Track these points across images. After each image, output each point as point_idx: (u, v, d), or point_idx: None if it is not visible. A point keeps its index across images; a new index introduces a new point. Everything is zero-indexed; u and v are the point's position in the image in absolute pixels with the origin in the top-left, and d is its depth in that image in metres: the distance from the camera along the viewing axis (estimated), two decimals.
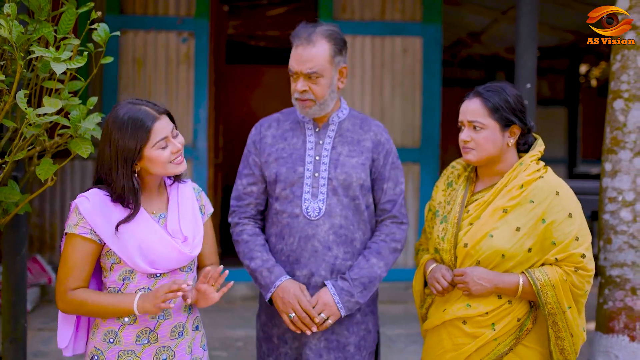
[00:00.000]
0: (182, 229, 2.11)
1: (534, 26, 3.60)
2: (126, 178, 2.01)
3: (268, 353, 2.52)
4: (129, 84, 5.63)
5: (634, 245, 2.97)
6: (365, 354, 2.49)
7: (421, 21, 5.87)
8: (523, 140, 2.34)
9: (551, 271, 2.19)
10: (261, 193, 2.52)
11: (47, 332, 4.71)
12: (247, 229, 2.51)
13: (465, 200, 2.36)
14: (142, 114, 2.01)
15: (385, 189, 2.49)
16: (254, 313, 5.38)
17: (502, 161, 2.31)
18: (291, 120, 2.54)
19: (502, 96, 2.27)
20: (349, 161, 2.44)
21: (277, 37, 9.73)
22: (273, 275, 2.41)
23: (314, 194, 2.42)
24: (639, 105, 2.96)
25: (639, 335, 2.97)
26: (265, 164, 2.48)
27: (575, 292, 2.21)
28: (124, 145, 1.99)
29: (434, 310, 2.40)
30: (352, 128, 2.51)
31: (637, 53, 2.94)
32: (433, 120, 5.88)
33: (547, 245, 2.21)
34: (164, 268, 2.07)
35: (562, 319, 2.20)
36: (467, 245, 2.25)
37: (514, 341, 2.24)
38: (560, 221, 2.20)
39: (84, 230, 2.00)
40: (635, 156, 2.97)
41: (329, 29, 2.41)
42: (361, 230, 2.46)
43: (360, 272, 2.40)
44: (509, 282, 2.20)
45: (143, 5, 5.70)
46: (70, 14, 2.43)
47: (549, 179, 2.27)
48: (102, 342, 2.06)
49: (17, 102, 2.15)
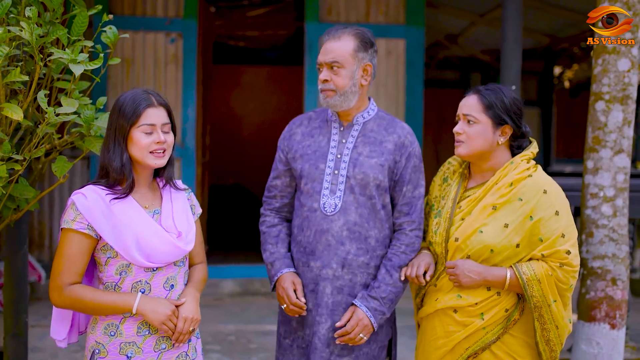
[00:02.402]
0: (176, 225, 2.18)
1: (519, 30, 3.74)
2: (119, 154, 2.09)
3: (285, 335, 2.63)
4: (117, 84, 5.67)
5: (614, 239, 3.15)
6: (375, 347, 2.56)
7: (404, 24, 6.04)
8: (517, 144, 2.45)
9: (537, 266, 2.28)
10: (285, 187, 2.65)
11: (40, 328, 4.75)
12: (267, 220, 2.66)
13: (458, 196, 2.48)
14: (140, 98, 2.13)
15: (404, 192, 2.55)
16: (242, 308, 5.55)
17: (492, 159, 2.42)
18: (321, 119, 2.65)
19: (498, 96, 2.39)
20: (368, 161, 2.51)
21: (256, 38, 9.80)
22: (273, 270, 2.58)
23: (332, 190, 2.51)
24: (619, 107, 3.14)
25: (619, 323, 3.15)
26: (293, 160, 2.60)
27: (561, 287, 2.30)
28: (119, 123, 2.10)
29: (428, 299, 2.52)
30: (377, 129, 2.58)
31: (617, 57, 3.12)
32: (416, 120, 6.04)
33: (534, 241, 2.30)
34: (159, 262, 2.11)
35: (547, 312, 2.30)
36: (458, 239, 2.38)
37: (501, 330, 2.36)
38: (547, 218, 2.29)
39: (81, 225, 2.04)
40: (616, 154, 3.15)
41: (358, 29, 2.54)
42: (377, 228, 2.52)
43: (387, 289, 2.48)
44: (497, 276, 2.31)
45: (132, 6, 5.75)
46: (83, 16, 2.52)
47: (538, 177, 2.36)
48: (103, 336, 2.09)
49: (39, 101, 2.24)
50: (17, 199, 2.57)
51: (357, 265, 2.50)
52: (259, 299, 5.89)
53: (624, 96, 3.13)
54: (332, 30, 2.52)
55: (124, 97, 2.15)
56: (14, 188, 2.48)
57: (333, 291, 2.49)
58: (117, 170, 2.10)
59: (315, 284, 2.51)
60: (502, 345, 2.36)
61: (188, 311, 2.14)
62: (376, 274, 2.52)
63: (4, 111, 2.19)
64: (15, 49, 2.29)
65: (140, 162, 2.14)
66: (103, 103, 2.56)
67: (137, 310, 2.06)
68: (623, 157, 3.15)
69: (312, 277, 2.52)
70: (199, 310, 2.19)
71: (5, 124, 2.37)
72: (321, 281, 2.50)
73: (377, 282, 2.49)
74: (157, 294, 2.13)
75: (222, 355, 4.39)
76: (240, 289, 5.83)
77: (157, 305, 2.08)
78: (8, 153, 2.28)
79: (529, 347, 2.38)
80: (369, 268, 2.51)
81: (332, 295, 2.49)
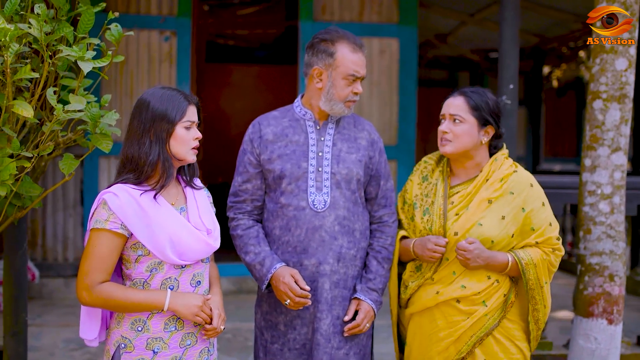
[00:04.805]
0: (204, 222, 2.20)
1: (516, 30, 3.78)
2: (157, 150, 2.10)
3: (272, 340, 2.61)
4: (111, 82, 5.65)
5: (612, 235, 3.20)
6: (363, 337, 2.64)
7: (398, 23, 6.07)
8: (495, 143, 2.61)
9: (533, 252, 2.48)
10: (256, 189, 2.64)
11: (35, 327, 4.73)
12: (242, 223, 2.63)
13: (447, 193, 2.58)
14: (180, 96, 2.17)
15: (381, 185, 2.69)
16: (237, 306, 5.54)
17: (475, 157, 2.56)
18: (289, 118, 2.66)
19: (483, 98, 2.54)
20: (349, 157, 2.60)
21: (246, 37, 9.80)
22: (264, 268, 2.53)
23: (318, 187, 2.56)
24: (616, 105, 3.19)
25: (616, 319, 3.20)
26: (268, 161, 2.59)
27: (551, 270, 2.52)
28: (162, 114, 2.11)
29: (424, 294, 2.57)
30: (348, 126, 2.67)
31: (615, 57, 3.16)
32: (409, 118, 6.08)
33: (526, 230, 2.50)
34: (191, 259, 2.13)
35: (539, 293, 2.50)
36: (458, 233, 2.48)
37: (501, 314, 2.50)
38: (537, 209, 2.50)
39: (114, 225, 2.05)
40: (613, 152, 3.20)
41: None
42: (359, 221, 2.62)
43: (382, 281, 2.63)
44: (500, 261, 2.46)
45: (126, 3, 5.73)
46: (89, 14, 2.52)
47: (522, 173, 2.56)
48: (129, 331, 2.09)
49: (48, 98, 2.23)
50: (22, 197, 2.57)
51: (349, 258, 2.59)
52: (254, 297, 5.87)
53: (621, 95, 3.18)
54: (351, 37, 2.61)
55: (161, 92, 2.15)
56: (20, 185, 2.48)
57: (331, 286, 2.53)
58: (152, 164, 2.10)
59: (312, 281, 2.54)
60: (502, 330, 2.50)
61: (219, 308, 2.19)
62: (361, 265, 2.63)
63: (14, 108, 2.19)
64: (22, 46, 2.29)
65: (181, 158, 2.16)
66: (107, 101, 2.56)
67: (168, 308, 2.08)
68: (620, 155, 3.20)
69: (307, 275, 2.54)
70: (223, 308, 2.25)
71: (12, 121, 2.37)
72: (319, 277, 2.54)
73: (371, 274, 2.61)
74: (184, 290, 2.15)
75: (219, 353, 4.39)
76: (234, 287, 5.84)
77: (187, 299, 2.10)
78: (17, 150, 2.28)
79: (522, 330, 2.55)
80: (356, 260, 2.61)
81: (330, 291, 2.53)
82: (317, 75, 2.58)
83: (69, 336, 4.58)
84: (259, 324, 2.67)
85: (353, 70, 2.55)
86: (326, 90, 2.56)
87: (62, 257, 5.91)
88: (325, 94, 2.56)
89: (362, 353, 2.63)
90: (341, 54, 2.54)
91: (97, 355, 4.20)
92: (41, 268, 5.77)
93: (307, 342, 2.57)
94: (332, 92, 2.55)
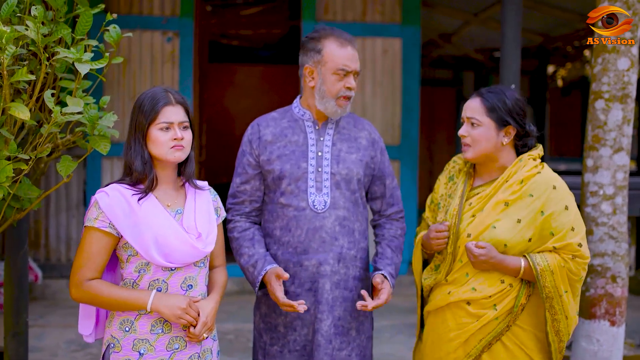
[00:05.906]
0: (197, 226, 2.19)
1: (518, 30, 3.77)
2: (139, 152, 2.13)
3: (272, 342, 2.61)
4: (113, 83, 5.64)
5: (614, 236, 3.18)
6: (364, 338, 2.64)
7: (400, 23, 6.05)
8: (522, 143, 2.51)
9: (550, 258, 2.35)
10: (255, 191, 2.64)
11: (37, 328, 4.74)
12: (238, 225, 2.62)
13: (465, 194, 2.53)
14: (159, 96, 2.15)
15: (387, 185, 2.70)
16: (240, 307, 5.53)
17: (500, 159, 2.48)
18: (288, 118, 2.66)
19: (500, 98, 2.45)
20: (349, 157, 2.60)
21: (249, 37, 9.80)
22: (256, 271, 2.53)
23: (318, 187, 2.55)
24: (618, 105, 3.17)
25: (618, 320, 3.18)
26: (268, 162, 2.59)
27: (572, 278, 2.38)
28: (139, 120, 2.14)
29: (437, 292, 2.55)
30: (348, 126, 2.67)
31: (617, 57, 3.14)
32: (412, 118, 6.06)
33: (545, 235, 2.37)
34: (178, 262, 2.12)
35: (558, 302, 2.37)
36: (470, 235, 2.43)
37: (511, 318, 2.41)
38: (558, 213, 2.37)
39: (102, 223, 2.07)
40: (615, 153, 3.18)
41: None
42: (359, 221, 2.62)
43: (396, 268, 2.65)
44: (510, 264, 2.37)
45: (128, 4, 5.74)
46: (87, 15, 2.52)
47: (546, 174, 2.44)
48: (118, 331, 2.11)
49: (46, 101, 2.23)
50: (20, 199, 2.57)
51: (349, 258, 2.58)
52: None
53: (623, 95, 3.16)
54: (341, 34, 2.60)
55: (144, 96, 2.18)
56: (18, 188, 2.48)
57: (332, 287, 2.53)
58: (139, 168, 2.13)
59: (312, 281, 2.53)
60: (512, 337, 2.42)
61: (208, 315, 2.16)
62: (361, 265, 2.62)
63: (11, 110, 2.19)
64: (20, 48, 2.29)
65: (161, 158, 2.16)
66: (105, 102, 2.55)
67: (151, 308, 2.08)
68: (622, 155, 3.18)
69: (307, 275, 2.54)
70: (214, 316, 2.21)
71: (10, 123, 2.37)
72: (320, 278, 2.53)
73: (388, 259, 2.64)
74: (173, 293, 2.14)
75: (221, 354, 4.37)
76: (237, 288, 5.83)
77: (171, 301, 2.09)
78: (14, 152, 2.28)
79: (537, 340, 2.44)
80: (357, 260, 2.60)
81: (331, 291, 2.53)
82: (309, 74, 2.58)
83: (72, 337, 4.59)
84: (258, 326, 2.67)
85: (342, 64, 2.53)
86: (318, 88, 2.55)
87: (65, 258, 5.92)
88: (317, 92, 2.56)
89: (362, 354, 2.62)
90: (329, 50, 2.53)
91: (98, 357, 4.21)
92: (44, 269, 5.78)
93: (307, 344, 2.57)
94: (323, 88, 2.54)
